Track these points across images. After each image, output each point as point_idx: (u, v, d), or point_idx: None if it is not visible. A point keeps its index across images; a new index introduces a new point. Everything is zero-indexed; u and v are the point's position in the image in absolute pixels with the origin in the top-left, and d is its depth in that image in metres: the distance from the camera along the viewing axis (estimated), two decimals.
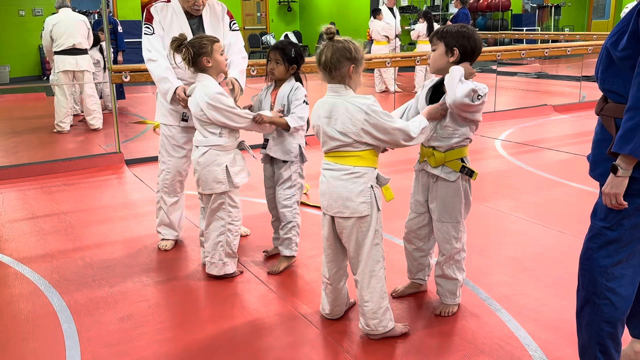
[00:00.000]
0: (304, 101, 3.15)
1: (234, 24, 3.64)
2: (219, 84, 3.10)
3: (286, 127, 3.12)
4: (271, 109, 3.20)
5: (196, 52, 3.00)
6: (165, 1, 3.51)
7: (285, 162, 3.24)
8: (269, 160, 3.32)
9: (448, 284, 2.76)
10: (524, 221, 4.01)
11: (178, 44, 3.03)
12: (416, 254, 2.87)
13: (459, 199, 2.64)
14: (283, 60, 3.13)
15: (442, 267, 2.74)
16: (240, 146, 3.17)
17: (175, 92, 3.32)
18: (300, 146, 3.25)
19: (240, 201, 3.22)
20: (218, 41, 3.10)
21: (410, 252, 2.89)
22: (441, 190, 2.65)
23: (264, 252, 3.54)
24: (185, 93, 3.25)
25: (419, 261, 2.89)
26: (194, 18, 3.50)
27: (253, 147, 3.42)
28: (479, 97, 2.46)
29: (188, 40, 3.05)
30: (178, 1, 3.47)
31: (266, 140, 3.26)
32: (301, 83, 3.24)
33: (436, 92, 2.68)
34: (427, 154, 2.64)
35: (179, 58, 3.07)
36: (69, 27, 7.42)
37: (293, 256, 3.36)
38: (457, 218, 2.67)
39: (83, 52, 7.59)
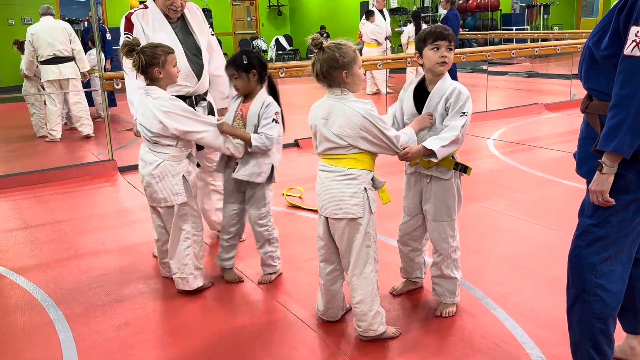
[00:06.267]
0: (274, 119, 2.96)
1: (210, 27, 3.61)
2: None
3: (249, 143, 2.95)
4: (232, 122, 3.04)
5: (148, 61, 2.85)
6: (143, 7, 3.38)
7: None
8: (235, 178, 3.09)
9: (447, 284, 2.78)
10: (518, 220, 4.03)
11: (130, 49, 2.86)
12: (412, 254, 2.91)
13: (453, 196, 2.68)
14: (238, 71, 2.96)
15: (441, 267, 2.75)
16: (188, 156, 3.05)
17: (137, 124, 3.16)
18: (272, 166, 3.05)
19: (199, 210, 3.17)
20: (173, 52, 2.94)
21: (406, 253, 2.91)
22: (436, 189, 2.67)
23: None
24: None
25: (416, 260, 2.93)
26: (176, 22, 3.41)
27: None
28: (464, 114, 2.53)
29: (141, 46, 2.89)
30: (155, 5, 3.35)
31: (236, 164, 3.07)
32: (275, 89, 3.07)
33: (419, 90, 2.69)
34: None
35: (129, 63, 2.94)
36: (47, 36, 7.31)
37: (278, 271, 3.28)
38: (452, 216, 2.69)
39: (66, 60, 7.44)
